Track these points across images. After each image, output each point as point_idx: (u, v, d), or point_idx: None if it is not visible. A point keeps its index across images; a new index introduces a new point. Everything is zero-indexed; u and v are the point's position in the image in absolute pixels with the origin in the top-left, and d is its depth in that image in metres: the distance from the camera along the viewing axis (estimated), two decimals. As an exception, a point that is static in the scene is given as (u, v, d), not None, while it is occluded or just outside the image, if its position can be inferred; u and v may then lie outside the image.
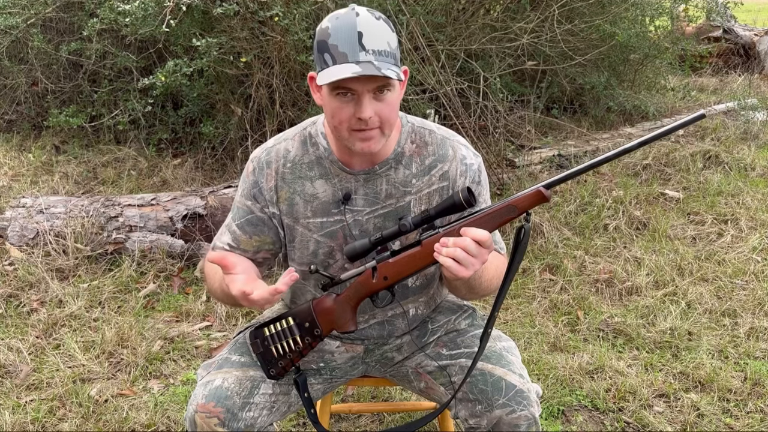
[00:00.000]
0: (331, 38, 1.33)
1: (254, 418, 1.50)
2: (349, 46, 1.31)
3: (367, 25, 1.32)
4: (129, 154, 4.56)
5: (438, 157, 1.54)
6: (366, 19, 1.33)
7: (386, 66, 1.32)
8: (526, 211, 1.34)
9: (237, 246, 1.56)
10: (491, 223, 1.35)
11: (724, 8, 6.11)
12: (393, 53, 1.35)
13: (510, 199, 1.34)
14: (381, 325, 1.62)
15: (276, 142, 1.56)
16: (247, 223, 1.55)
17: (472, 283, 1.45)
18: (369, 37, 1.32)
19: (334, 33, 1.33)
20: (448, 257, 1.30)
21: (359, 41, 1.31)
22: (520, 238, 1.34)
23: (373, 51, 1.32)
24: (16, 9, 4.48)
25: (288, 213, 1.54)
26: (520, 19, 4.41)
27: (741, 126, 5.28)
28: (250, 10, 3.57)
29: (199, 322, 2.93)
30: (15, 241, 3.27)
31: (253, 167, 1.55)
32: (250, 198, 1.55)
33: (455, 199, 1.33)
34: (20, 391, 2.46)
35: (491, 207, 1.37)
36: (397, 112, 1.43)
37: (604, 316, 2.93)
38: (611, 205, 3.92)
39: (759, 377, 2.51)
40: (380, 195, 1.52)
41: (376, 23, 1.34)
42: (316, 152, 1.52)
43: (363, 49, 1.31)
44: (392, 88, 1.38)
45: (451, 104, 3.98)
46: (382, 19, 1.36)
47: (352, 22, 1.32)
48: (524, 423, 1.48)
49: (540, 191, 1.32)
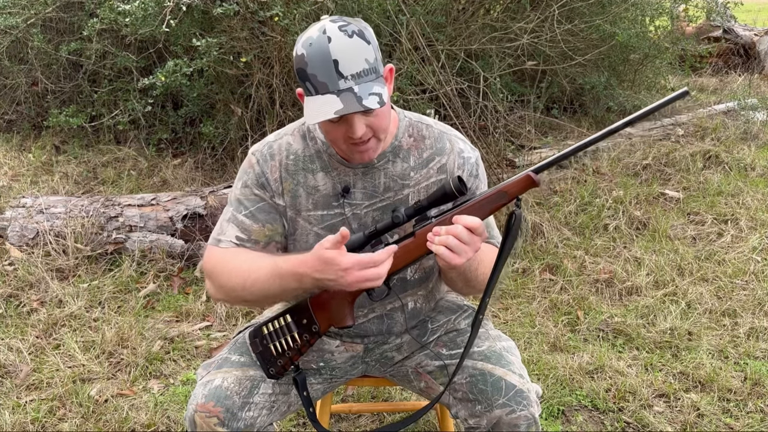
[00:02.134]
0: (309, 67, 1.32)
1: (254, 418, 1.50)
2: (327, 75, 1.31)
3: (340, 51, 1.30)
4: (129, 154, 4.56)
5: (436, 150, 1.55)
6: (339, 43, 1.31)
7: (367, 89, 1.31)
8: (516, 196, 1.35)
9: (248, 238, 1.52)
10: (483, 210, 1.36)
11: (724, 8, 6.11)
12: (372, 67, 1.34)
13: (500, 185, 1.35)
14: (380, 319, 1.62)
15: (277, 137, 1.56)
16: (258, 211, 1.52)
17: (468, 274, 1.46)
18: (345, 63, 1.31)
19: (311, 62, 1.32)
20: (440, 245, 1.31)
21: (336, 69, 1.30)
22: (511, 223, 1.34)
23: (352, 75, 1.31)
24: (16, 9, 4.48)
25: (291, 205, 1.54)
26: (520, 19, 4.41)
27: (741, 126, 5.28)
28: (250, 10, 3.57)
29: (199, 322, 2.93)
30: (15, 241, 3.27)
31: (257, 159, 1.54)
32: (258, 187, 1.53)
33: (446, 189, 1.34)
34: (20, 391, 2.46)
35: (482, 194, 1.37)
36: (389, 116, 1.43)
37: (604, 316, 2.93)
38: (611, 205, 3.92)
39: (759, 377, 2.51)
40: (378, 188, 1.53)
41: (350, 44, 1.31)
42: (314, 146, 1.53)
43: (341, 77, 1.31)
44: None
45: (451, 104, 3.98)
46: (356, 34, 1.33)
47: (325, 51, 1.30)
48: (524, 423, 1.48)
49: (529, 176, 1.33)
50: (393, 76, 1.46)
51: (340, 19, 1.35)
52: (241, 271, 1.45)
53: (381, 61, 1.39)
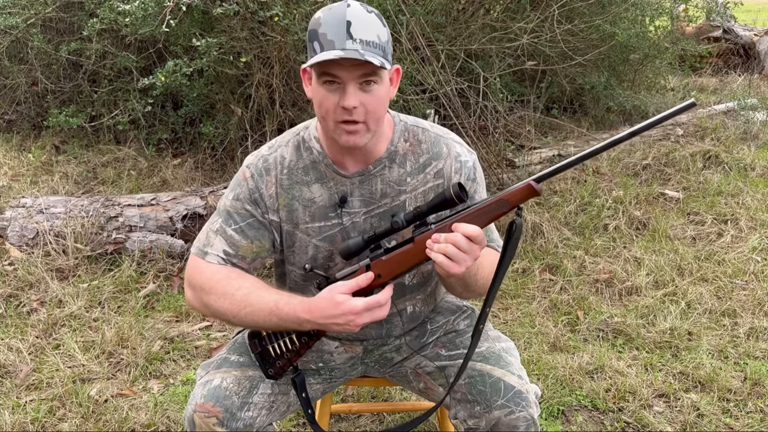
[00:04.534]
0: (322, 27, 1.35)
1: (253, 418, 1.50)
2: (337, 34, 1.32)
3: (356, 16, 1.34)
4: (129, 154, 4.56)
5: (432, 155, 1.54)
6: (357, 11, 1.35)
7: (372, 55, 1.32)
8: (517, 205, 1.34)
9: (235, 253, 1.50)
10: (483, 218, 1.35)
11: (724, 8, 6.10)
12: (382, 46, 1.35)
13: (501, 193, 1.34)
14: (379, 324, 1.61)
15: (271, 150, 1.54)
16: (248, 227, 1.51)
17: (467, 280, 1.45)
18: (357, 27, 1.33)
19: (325, 22, 1.35)
20: (439, 253, 1.31)
21: (347, 30, 1.32)
22: (511, 233, 1.34)
23: (361, 40, 1.32)
24: (16, 9, 4.48)
25: (288, 219, 1.52)
26: (520, 19, 4.41)
27: (741, 126, 5.28)
28: (250, 10, 3.57)
29: (198, 322, 2.93)
30: (15, 241, 3.27)
31: (251, 173, 1.52)
32: (249, 203, 1.51)
33: (446, 195, 1.33)
34: (20, 391, 2.46)
35: (483, 202, 1.36)
36: (384, 108, 1.42)
37: (604, 316, 2.93)
38: (611, 205, 3.92)
39: (759, 377, 2.51)
40: (376, 195, 1.52)
41: (367, 15, 1.36)
42: (310, 156, 1.52)
43: (350, 38, 1.32)
44: (380, 81, 1.37)
45: (451, 104, 3.98)
46: (374, 14, 1.37)
47: (342, 12, 1.34)
48: (523, 424, 1.48)
49: (530, 185, 1.32)
50: (399, 78, 1.46)
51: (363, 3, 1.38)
52: (235, 300, 1.43)
53: (391, 53, 1.41)
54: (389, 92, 1.42)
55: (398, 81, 1.46)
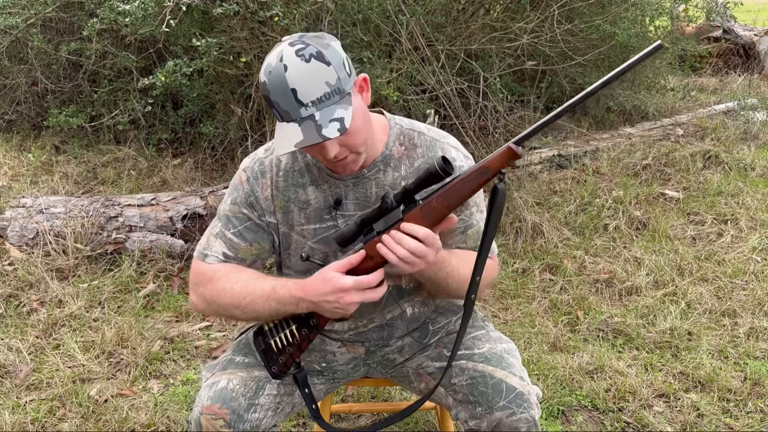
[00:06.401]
0: (272, 95, 1.33)
1: (259, 420, 1.50)
2: (288, 104, 1.32)
3: (297, 78, 1.30)
4: (129, 154, 4.55)
5: (427, 158, 1.54)
6: (295, 71, 1.30)
7: (329, 115, 1.30)
8: (499, 170, 1.33)
9: (234, 255, 1.53)
10: (467, 189, 1.34)
11: (724, 8, 6.10)
12: (335, 89, 1.32)
13: (482, 161, 1.34)
14: (380, 328, 1.62)
15: (267, 153, 1.56)
16: (246, 230, 1.54)
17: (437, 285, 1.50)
18: (304, 91, 1.30)
19: (272, 90, 1.33)
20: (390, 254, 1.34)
21: (295, 98, 1.31)
22: (495, 198, 1.33)
23: (312, 102, 1.31)
24: (16, 9, 4.47)
25: (284, 221, 1.54)
26: (520, 19, 4.41)
27: (741, 126, 5.28)
28: (250, 10, 3.57)
29: (198, 322, 2.93)
30: (15, 241, 3.27)
31: (247, 176, 1.54)
32: (246, 206, 1.53)
33: (431, 170, 1.32)
34: (20, 391, 2.46)
35: (464, 172, 1.35)
36: (366, 122, 1.40)
37: (604, 316, 2.93)
38: (611, 205, 3.92)
39: (759, 377, 2.52)
40: (370, 198, 1.52)
41: (307, 70, 1.30)
42: (304, 159, 1.53)
43: (301, 105, 1.31)
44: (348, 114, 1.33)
45: (451, 104, 3.98)
46: (314, 57, 1.30)
47: (283, 80, 1.30)
48: (524, 425, 1.48)
49: (510, 148, 1.31)
50: (369, 85, 1.43)
51: (299, 41, 1.32)
52: (235, 293, 1.47)
53: (348, 77, 1.35)
54: (363, 103, 1.40)
55: (368, 86, 1.43)
